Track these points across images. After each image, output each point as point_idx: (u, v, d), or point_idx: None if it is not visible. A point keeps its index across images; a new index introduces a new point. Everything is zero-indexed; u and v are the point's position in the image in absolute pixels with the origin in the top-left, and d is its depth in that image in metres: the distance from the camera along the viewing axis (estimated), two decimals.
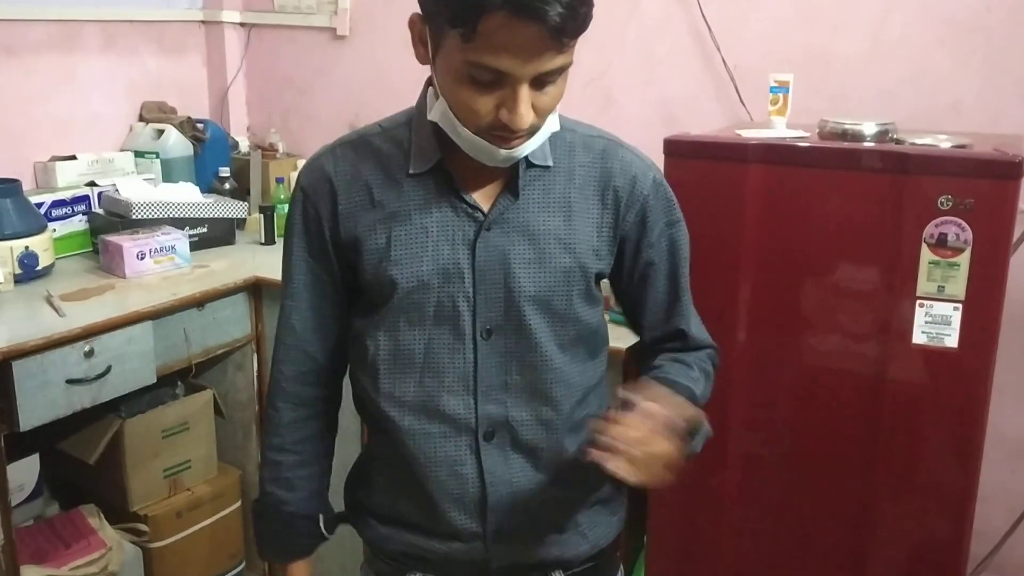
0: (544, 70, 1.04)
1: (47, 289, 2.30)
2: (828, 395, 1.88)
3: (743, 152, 1.87)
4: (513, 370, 1.22)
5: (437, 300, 1.20)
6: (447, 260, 1.19)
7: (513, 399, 1.23)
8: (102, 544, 2.35)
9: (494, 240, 1.20)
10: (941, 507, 1.82)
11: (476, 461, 1.23)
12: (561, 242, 1.21)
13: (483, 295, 1.20)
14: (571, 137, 1.25)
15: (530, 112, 1.07)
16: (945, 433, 1.79)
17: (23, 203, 2.42)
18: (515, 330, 1.21)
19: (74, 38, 2.86)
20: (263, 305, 2.54)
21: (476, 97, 1.07)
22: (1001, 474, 2.24)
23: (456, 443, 1.23)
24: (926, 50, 2.23)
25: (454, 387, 1.22)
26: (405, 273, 1.20)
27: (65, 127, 2.86)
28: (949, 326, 1.72)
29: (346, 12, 3.06)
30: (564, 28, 0.99)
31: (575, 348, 1.26)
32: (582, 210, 1.23)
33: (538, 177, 1.22)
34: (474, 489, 1.24)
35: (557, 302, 1.22)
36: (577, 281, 1.23)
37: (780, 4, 2.39)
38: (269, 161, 3.15)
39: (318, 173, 1.25)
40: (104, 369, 2.13)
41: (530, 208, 1.21)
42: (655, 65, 2.55)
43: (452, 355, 1.22)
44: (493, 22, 0.99)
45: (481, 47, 1.02)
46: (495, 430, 1.23)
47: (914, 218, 1.72)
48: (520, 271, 1.20)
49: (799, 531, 1.95)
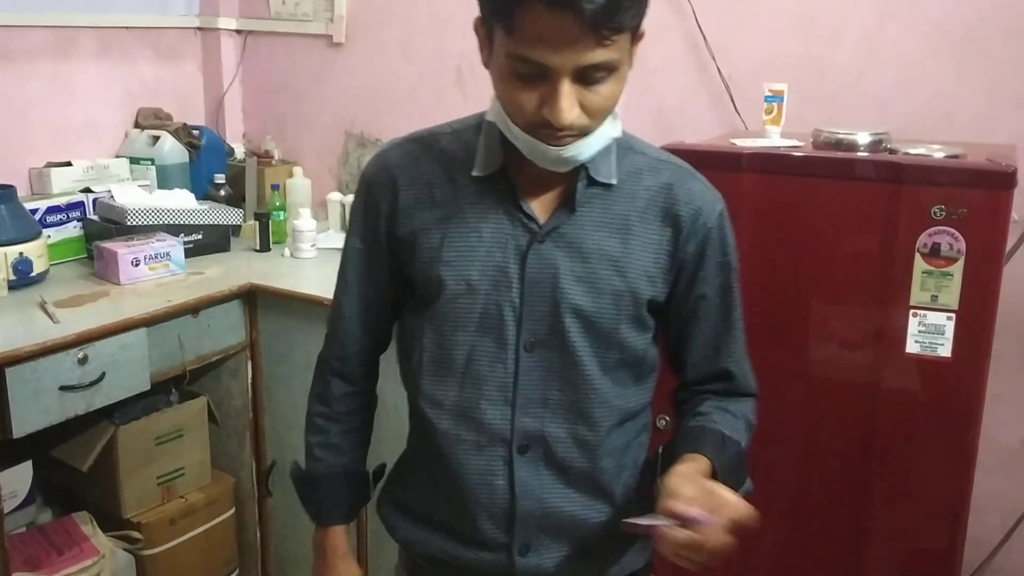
0: (584, 63, 1.02)
1: (41, 295, 2.29)
2: (822, 404, 1.88)
3: (737, 161, 1.88)
4: (553, 386, 1.22)
5: (483, 306, 1.20)
6: (497, 267, 1.19)
7: (551, 415, 1.22)
8: (95, 551, 2.34)
9: (546, 253, 1.19)
10: (935, 515, 1.82)
11: (508, 473, 1.23)
12: (614, 264, 1.19)
13: (530, 307, 1.19)
14: (640, 160, 1.24)
15: (573, 108, 1.05)
16: (939, 441, 1.79)
17: (18, 209, 2.42)
18: (559, 346, 1.20)
19: (70, 44, 2.86)
20: (258, 312, 2.54)
21: (520, 92, 1.06)
22: (995, 482, 2.25)
23: (490, 453, 1.23)
24: (920, 60, 2.24)
25: (493, 396, 1.22)
26: (454, 274, 1.20)
27: (61, 133, 2.86)
28: (942, 335, 1.73)
29: (342, 19, 3.06)
30: (600, 18, 0.98)
31: (618, 371, 1.24)
32: (640, 234, 1.21)
33: (599, 195, 1.20)
34: (503, 501, 1.24)
35: (604, 323, 1.20)
36: (627, 305, 1.21)
37: (775, 14, 2.40)
38: (265, 168, 3.15)
39: (382, 166, 1.27)
40: (98, 376, 2.13)
41: (586, 225, 1.19)
42: (650, 74, 2.56)
43: (493, 364, 1.21)
44: (530, 13, 0.99)
45: (520, 39, 1.02)
46: (530, 444, 1.23)
47: (907, 228, 1.73)
48: (569, 287, 1.19)
49: (793, 539, 1.95)
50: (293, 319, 2.46)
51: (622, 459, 1.28)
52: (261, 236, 2.84)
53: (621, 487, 1.29)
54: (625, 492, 1.29)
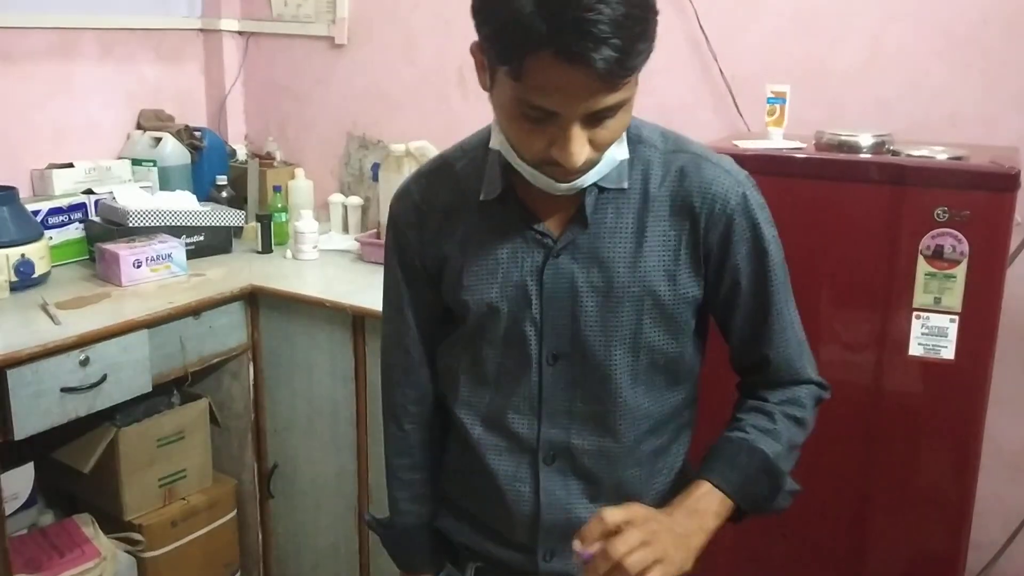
0: (596, 109, 1.01)
1: (43, 297, 2.29)
2: (825, 406, 1.86)
3: (740, 163, 1.87)
4: (578, 397, 1.22)
5: (507, 325, 1.21)
6: (516, 286, 1.20)
7: (577, 426, 1.23)
8: (96, 553, 2.34)
9: (562, 267, 1.18)
10: (938, 518, 1.82)
11: (535, 481, 1.24)
12: (630, 268, 1.17)
13: (550, 321, 1.19)
14: (650, 155, 1.20)
15: (583, 150, 1.04)
16: (942, 445, 1.79)
17: (20, 211, 2.42)
18: (581, 357, 1.20)
19: (72, 46, 2.86)
20: (259, 314, 2.53)
21: (528, 133, 1.05)
22: (998, 485, 2.24)
23: (518, 460, 1.25)
24: (923, 62, 2.23)
25: (520, 407, 1.24)
26: (476, 299, 1.21)
27: (62, 135, 2.86)
28: (945, 338, 1.72)
29: (344, 21, 3.06)
30: (613, 72, 0.96)
31: (650, 377, 1.22)
32: (656, 233, 1.18)
33: (611, 200, 1.18)
34: (528, 507, 1.25)
35: (625, 330, 1.18)
36: (648, 308, 1.18)
37: (777, 15, 2.39)
38: (266, 169, 3.15)
39: (407, 203, 1.29)
40: (99, 378, 2.12)
41: (601, 234, 1.18)
42: (652, 75, 2.52)
43: (520, 377, 1.23)
44: (540, 62, 0.96)
45: (530, 86, 0.99)
46: (556, 454, 1.23)
47: (910, 230, 1.72)
48: (587, 298, 1.18)
49: (795, 542, 1.95)
50: (295, 321, 2.46)
51: (654, 465, 1.27)
52: (263, 238, 2.84)
53: (653, 493, 1.27)
54: (658, 498, 1.27)
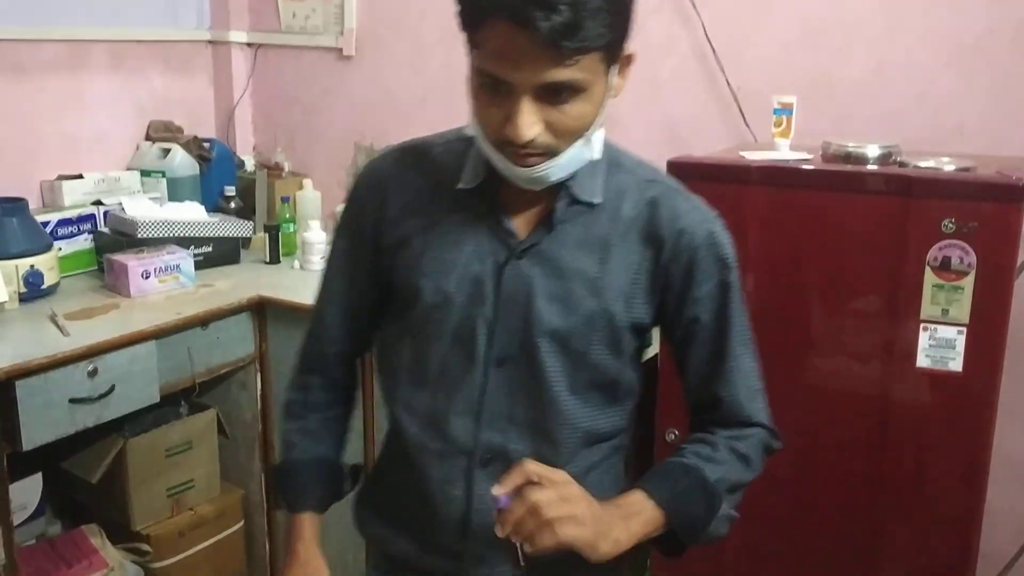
0: (544, 81, 1.01)
1: (52, 308, 2.30)
2: (832, 418, 1.87)
3: (747, 174, 1.88)
4: (519, 402, 1.21)
5: (458, 319, 1.20)
6: (474, 280, 1.19)
7: (516, 431, 1.22)
8: (104, 564, 2.34)
9: (523, 270, 1.18)
10: (947, 530, 1.81)
11: (467, 485, 1.23)
12: (590, 284, 1.18)
13: (503, 323, 1.19)
14: (627, 179, 1.21)
15: (533, 126, 1.04)
16: (951, 456, 1.78)
17: (29, 222, 2.43)
18: (527, 363, 1.19)
19: (82, 58, 2.88)
20: (267, 324, 2.54)
21: (486, 108, 1.07)
22: (1008, 497, 2.23)
23: (451, 464, 1.23)
24: (930, 72, 2.23)
25: (460, 409, 1.22)
26: (431, 285, 1.20)
27: (72, 146, 2.87)
28: (953, 350, 1.72)
29: (352, 32, 3.08)
30: (556, 37, 0.97)
31: (588, 393, 1.22)
32: (620, 254, 1.19)
33: (582, 213, 1.18)
34: (459, 512, 1.24)
35: (575, 343, 1.19)
36: (601, 327, 1.19)
37: (784, 26, 2.39)
38: (275, 180, 3.16)
39: (374, 174, 1.29)
40: (108, 388, 2.13)
41: (566, 244, 1.18)
42: (659, 86, 2.56)
43: (463, 378, 1.21)
44: (494, 29, 1.00)
45: (484, 54, 1.03)
46: (492, 458, 1.22)
47: (917, 241, 1.72)
48: (542, 306, 1.17)
49: (804, 553, 1.94)
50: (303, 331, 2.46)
51: (584, 480, 1.20)
52: (271, 248, 2.85)
53: None
54: None
